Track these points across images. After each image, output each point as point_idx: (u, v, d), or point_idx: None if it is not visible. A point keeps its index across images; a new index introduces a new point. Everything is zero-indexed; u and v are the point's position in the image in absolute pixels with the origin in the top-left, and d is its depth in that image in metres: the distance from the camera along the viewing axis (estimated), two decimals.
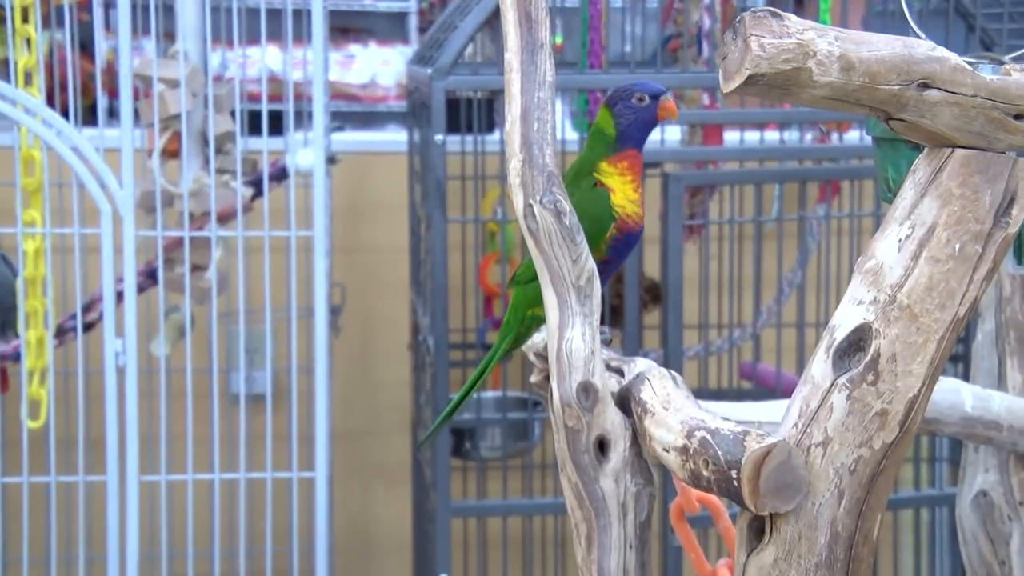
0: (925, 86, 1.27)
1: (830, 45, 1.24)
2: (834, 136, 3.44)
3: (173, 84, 2.92)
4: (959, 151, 1.31)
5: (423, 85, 2.98)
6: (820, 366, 1.32)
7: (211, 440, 3.01)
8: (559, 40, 4.08)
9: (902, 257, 1.31)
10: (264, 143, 2.93)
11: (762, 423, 1.71)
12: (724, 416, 1.36)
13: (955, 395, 1.85)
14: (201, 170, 3.00)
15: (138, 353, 2.90)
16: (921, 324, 1.29)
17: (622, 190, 1.56)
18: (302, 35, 3.10)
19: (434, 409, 2.94)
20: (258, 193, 3.04)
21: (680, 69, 3.14)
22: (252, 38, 3.17)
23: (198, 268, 3.02)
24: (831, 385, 1.30)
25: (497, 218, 3.46)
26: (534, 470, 3.46)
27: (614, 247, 1.57)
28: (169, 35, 3.20)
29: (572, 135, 3.59)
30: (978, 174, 1.30)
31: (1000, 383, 1.99)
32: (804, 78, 1.23)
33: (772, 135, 3.62)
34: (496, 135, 3.73)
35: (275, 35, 3.14)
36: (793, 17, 1.24)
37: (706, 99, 3.33)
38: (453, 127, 3.24)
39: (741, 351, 3.50)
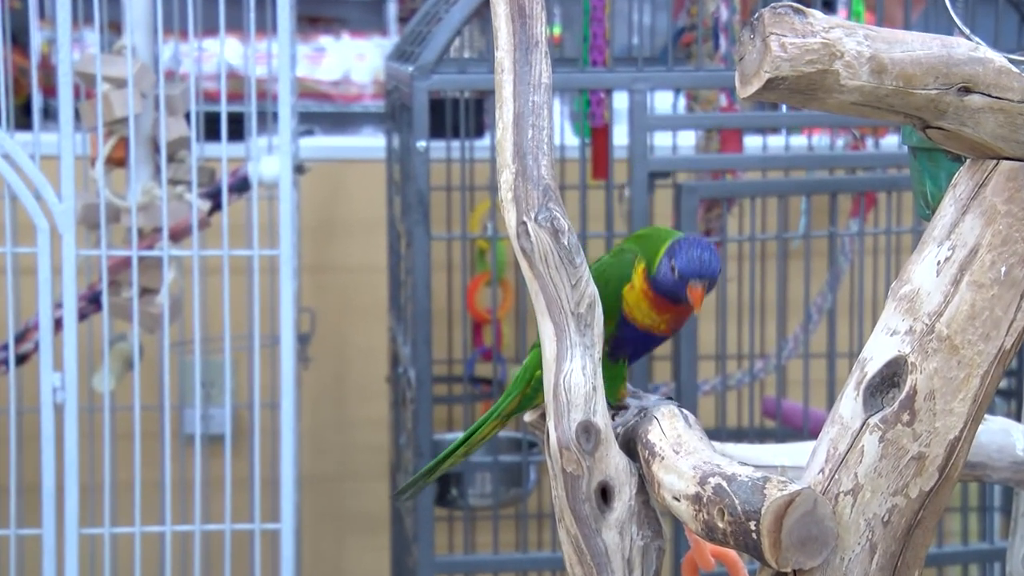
0: (966, 90, 1.29)
1: (859, 45, 1.26)
2: (869, 142, 3.47)
3: (119, 83, 2.94)
4: (1005, 163, 1.33)
5: (403, 84, 3.01)
6: (849, 404, 1.34)
7: (162, 487, 3.02)
8: (557, 31, 4.11)
9: (941, 282, 1.33)
10: (223, 149, 2.95)
11: (786, 468, 1.73)
12: (743, 460, 1.38)
13: (1005, 436, 1.87)
14: (151, 181, 3.01)
15: (79, 389, 2.91)
16: (963, 357, 1.31)
17: (639, 303, 1.63)
18: (266, 26, 3.13)
19: (416, 451, 2.95)
20: (216, 207, 3.06)
21: (694, 66, 3.17)
22: (209, 29, 3.20)
23: (148, 292, 3.03)
24: (862, 425, 1.32)
25: (487, 235, 3.48)
26: (529, 520, 3.47)
27: (620, 331, 1.63)
28: (115, 26, 3.23)
29: (572, 140, 3.62)
30: None
31: None
32: (830, 82, 1.26)
33: (799, 141, 3.66)
34: (486, 140, 3.75)
35: (235, 26, 3.16)
36: (818, 14, 1.27)
37: (724, 100, 3.36)
38: (437, 131, 3.26)
39: (764, 385, 3.52)
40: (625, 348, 1.64)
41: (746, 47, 1.26)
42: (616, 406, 1.58)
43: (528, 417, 1.77)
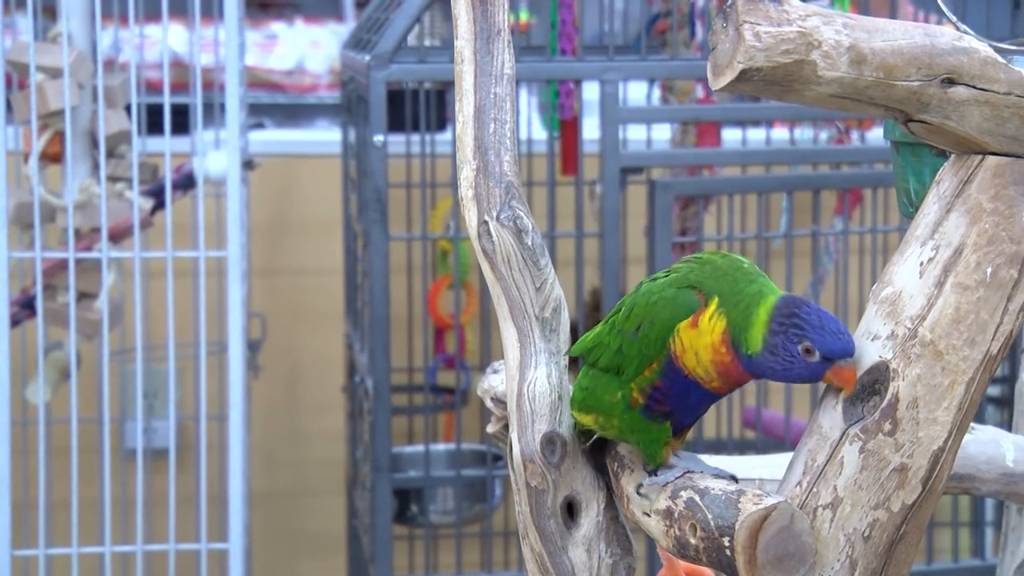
0: (950, 82, 1.31)
1: (838, 34, 1.28)
2: (855, 136, 3.50)
3: (54, 73, 2.94)
4: (991, 158, 1.35)
5: (359, 75, 3.01)
6: (828, 413, 1.35)
7: (101, 505, 3.01)
8: (525, 17, 4.12)
9: (924, 284, 1.34)
10: (166, 144, 2.95)
11: (764, 480, 1.74)
12: (717, 472, 1.40)
13: (994, 447, 1.88)
14: (89, 177, 3.01)
15: (11, 400, 2.90)
16: (947, 363, 1.33)
17: (699, 349, 1.38)
18: (212, 11, 3.12)
19: (373, 465, 2.96)
20: (159, 205, 3.06)
21: (669, 55, 3.19)
22: (151, 14, 3.19)
23: (86, 296, 3.02)
24: (841, 436, 1.34)
25: (449, 235, 3.49)
26: (494, 538, 3.48)
27: (666, 378, 1.40)
28: (49, 11, 3.22)
29: (540, 134, 3.63)
30: (1013, 186, 1.34)
31: None
32: (807, 73, 1.27)
33: (780, 134, 3.68)
34: (448, 134, 3.76)
35: (179, 10, 3.16)
36: (795, 1, 1.28)
37: (700, 91, 3.38)
38: (396, 125, 3.27)
39: (744, 394, 3.55)
40: (668, 402, 1.41)
41: (719, 36, 1.27)
42: (655, 467, 1.43)
43: (491, 428, 1.78)
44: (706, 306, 1.38)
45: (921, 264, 1.35)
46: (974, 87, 1.32)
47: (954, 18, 1.61)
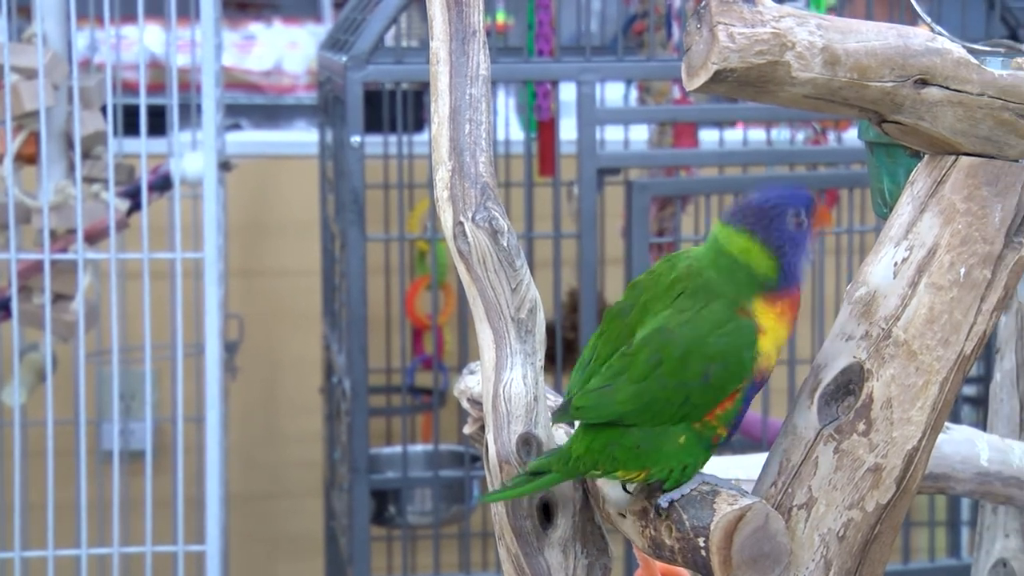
0: (923, 83, 1.32)
1: (811, 35, 1.28)
2: (831, 136, 3.51)
3: (29, 73, 2.93)
4: (964, 159, 1.36)
5: (336, 75, 3.01)
6: (803, 413, 1.36)
7: (77, 508, 3.00)
8: (501, 18, 4.13)
9: (898, 284, 1.35)
10: (143, 145, 2.94)
11: (740, 481, 1.75)
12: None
13: (969, 447, 1.89)
14: (65, 179, 3.00)
15: None
16: (921, 363, 1.33)
17: (775, 332, 1.37)
18: (189, 11, 3.11)
19: (351, 466, 2.96)
20: (135, 206, 3.05)
21: (646, 56, 3.19)
22: (127, 15, 3.18)
23: (62, 298, 3.01)
24: (816, 436, 1.34)
25: (427, 235, 3.49)
26: (472, 539, 3.48)
27: (746, 399, 1.38)
28: (24, 11, 3.20)
29: (517, 135, 3.63)
30: (986, 186, 1.35)
31: (1022, 431, 2.05)
32: (781, 74, 1.28)
33: (757, 135, 3.69)
34: (425, 135, 3.76)
35: (156, 11, 3.15)
36: (768, 2, 1.28)
37: (677, 92, 3.39)
38: (373, 126, 3.26)
39: None
40: (739, 418, 1.40)
41: (693, 37, 1.28)
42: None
43: (467, 429, 1.78)
44: (748, 309, 1.36)
45: (895, 264, 1.36)
46: (947, 88, 1.32)
47: (928, 19, 1.62)
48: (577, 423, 1.43)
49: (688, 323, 1.36)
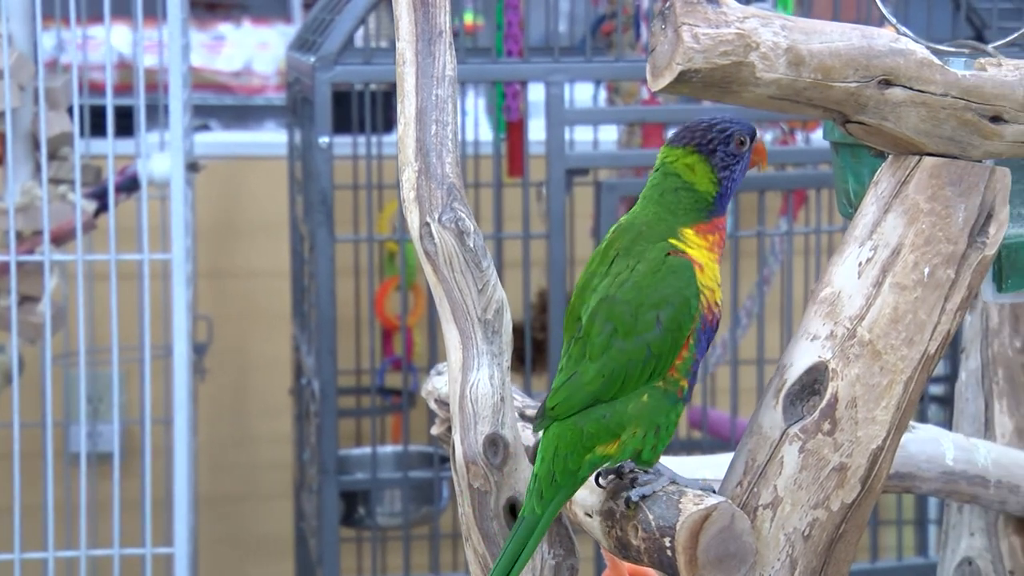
0: (887, 83, 1.32)
1: (776, 35, 1.28)
2: (799, 136, 3.52)
3: None
4: (928, 159, 1.36)
5: (304, 76, 3.00)
6: (769, 413, 1.36)
7: (45, 510, 2.99)
8: (470, 19, 4.12)
9: (863, 284, 1.36)
10: (110, 146, 2.93)
11: (708, 480, 1.75)
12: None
13: (935, 446, 1.90)
14: (31, 180, 2.98)
15: None
16: (885, 363, 1.34)
17: (710, 268, 1.38)
18: (156, 11, 3.10)
19: (320, 467, 2.95)
20: (103, 208, 3.04)
21: (615, 56, 3.19)
22: (94, 15, 3.17)
23: (28, 299, 3.00)
24: (781, 435, 1.34)
25: (396, 236, 3.48)
26: (442, 540, 3.47)
27: (699, 344, 1.38)
28: None
29: (487, 135, 3.63)
30: (950, 186, 1.36)
31: (987, 430, 2.06)
32: (746, 75, 1.28)
33: None
34: (395, 136, 3.75)
35: (123, 11, 3.13)
36: (732, 2, 1.29)
37: (646, 92, 3.39)
38: (342, 126, 3.26)
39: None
40: (696, 367, 1.39)
41: (657, 38, 1.28)
42: (641, 469, 1.39)
43: (435, 430, 1.77)
44: (679, 238, 1.39)
45: (860, 264, 1.36)
46: (911, 88, 1.33)
47: (893, 20, 1.63)
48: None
49: (626, 282, 1.38)
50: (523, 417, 1.63)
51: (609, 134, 3.62)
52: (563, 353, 1.42)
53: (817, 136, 3.58)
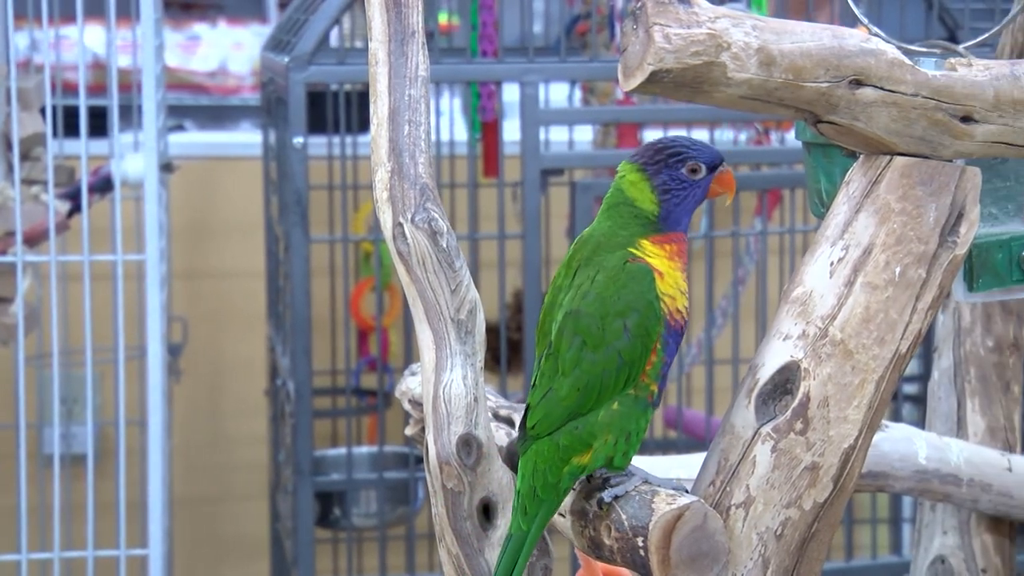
0: (858, 83, 1.32)
1: (747, 36, 1.29)
2: (774, 137, 3.53)
3: None
4: (899, 159, 1.37)
5: (279, 76, 3.00)
6: (741, 412, 1.36)
7: (18, 512, 2.97)
8: (445, 19, 4.12)
9: (834, 284, 1.36)
10: (83, 146, 2.92)
11: (681, 480, 1.75)
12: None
13: (907, 444, 1.91)
14: (4, 180, 2.97)
15: None
16: (857, 362, 1.34)
17: (671, 276, 1.39)
18: (130, 11, 3.09)
19: (295, 468, 2.94)
20: (76, 208, 3.02)
21: (589, 57, 3.19)
22: (67, 15, 3.15)
23: (2, 301, 2.98)
24: (754, 435, 1.35)
25: (371, 237, 3.48)
26: (418, 541, 3.47)
27: (668, 348, 1.39)
28: None
29: (462, 135, 3.63)
30: (920, 186, 1.36)
31: (959, 429, 2.07)
32: (717, 75, 1.28)
33: (700, 135, 3.70)
34: (369, 136, 3.74)
35: (96, 11, 3.12)
36: (704, 3, 1.29)
37: (621, 93, 3.39)
38: (317, 126, 3.25)
39: (666, 393, 3.56)
40: (666, 370, 1.41)
41: (629, 38, 1.28)
42: (613, 472, 1.39)
43: (409, 430, 1.77)
44: (637, 247, 1.40)
45: (831, 264, 1.36)
46: (882, 88, 1.33)
47: (865, 20, 1.63)
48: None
49: (588, 293, 1.39)
50: (497, 417, 1.63)
51: (584, 134, 3.62)
52: (535, 369, 1.43)
53: (791, 136, 3.59)
